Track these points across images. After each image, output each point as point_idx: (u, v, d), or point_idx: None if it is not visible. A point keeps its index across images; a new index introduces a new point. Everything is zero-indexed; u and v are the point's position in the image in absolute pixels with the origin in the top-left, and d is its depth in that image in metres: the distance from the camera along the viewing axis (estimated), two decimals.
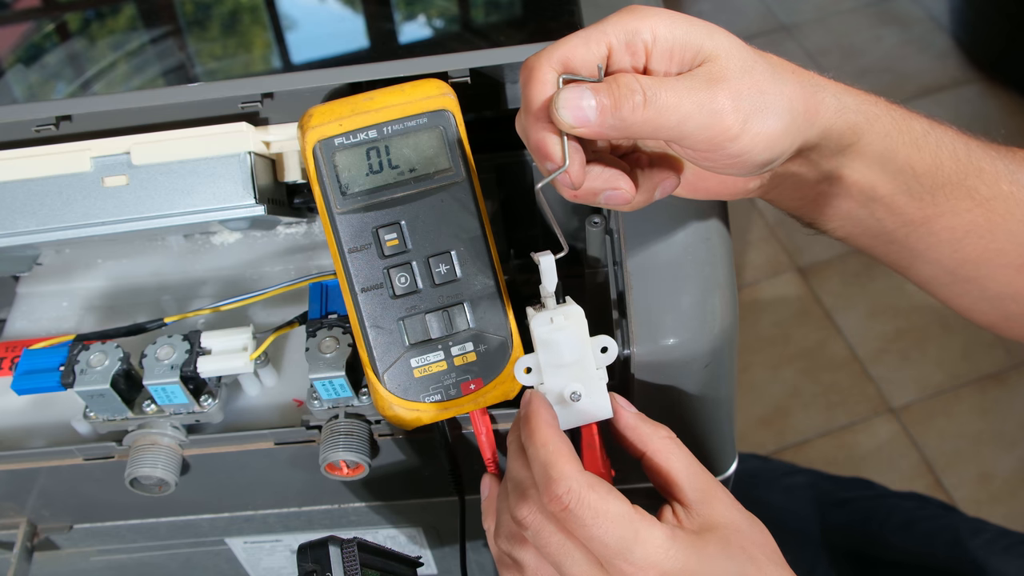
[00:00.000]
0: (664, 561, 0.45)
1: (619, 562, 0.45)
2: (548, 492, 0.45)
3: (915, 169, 0.51)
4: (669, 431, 0.51)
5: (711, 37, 0.45)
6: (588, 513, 0.44)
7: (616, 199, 0.47)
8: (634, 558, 0.45)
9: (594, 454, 0.51)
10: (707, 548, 0.46)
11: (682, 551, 0.45)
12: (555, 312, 0.49)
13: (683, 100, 0.43)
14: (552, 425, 0.48)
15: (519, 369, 0.50)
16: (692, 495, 0.48)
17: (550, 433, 0.47)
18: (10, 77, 1.03)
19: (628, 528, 0.45)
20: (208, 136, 0.57)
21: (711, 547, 0.46)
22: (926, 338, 1.68)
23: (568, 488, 0.45)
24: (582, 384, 0.50)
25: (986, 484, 1.51)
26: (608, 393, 0.51)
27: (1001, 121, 1.96)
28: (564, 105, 0.43)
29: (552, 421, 0.48)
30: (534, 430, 0.48)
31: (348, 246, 0.52)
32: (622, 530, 0.44)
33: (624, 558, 0.45)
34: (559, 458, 0.46)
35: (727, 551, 0.46)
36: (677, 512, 0.48)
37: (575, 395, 0.50)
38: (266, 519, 0.69)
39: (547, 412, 0.49)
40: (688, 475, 0.49)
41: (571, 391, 0.50)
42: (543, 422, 0.48)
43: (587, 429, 0.52)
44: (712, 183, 0.53)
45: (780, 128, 0.45)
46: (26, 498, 0.65)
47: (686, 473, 0.49)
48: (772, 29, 2.22)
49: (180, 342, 0.57)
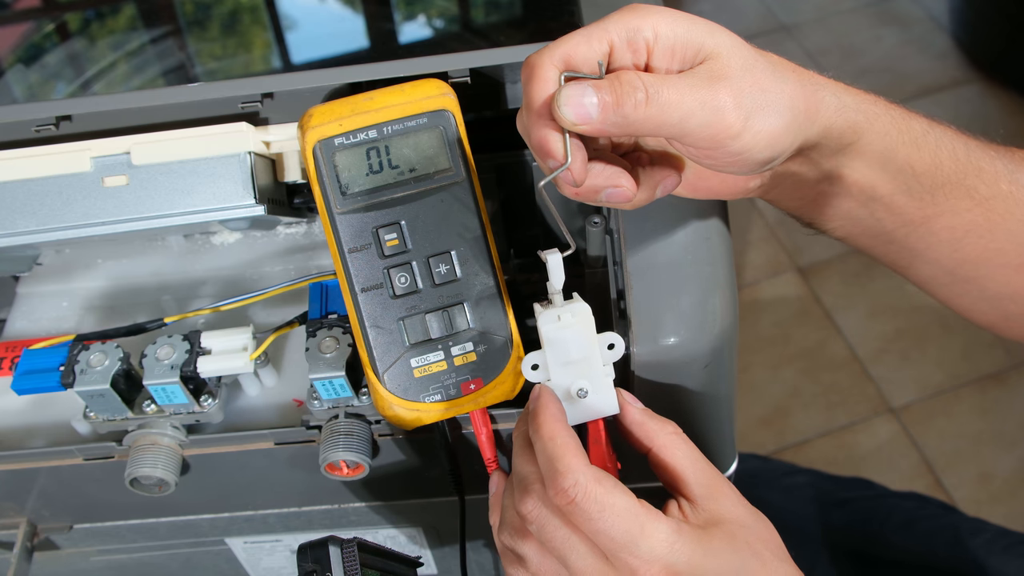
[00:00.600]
0: (669, 555, 0.45)
1: (624, 556, 0.45)
2: (554, 485, 0.45)
3: (915, 168, 0.51)
4: (675, 427, 0.51)
5: (712, 35, 0.45)
6: (594, 507, 0.45)
7: (617, 197, 0.47)
8: (639, 552, 0.45)
9: (600, 449, 0.52)
10: (712, 543, 0.46)
11: (687, 545, 0.45)
12: (562, 310, 0.49)
13: (685, 97, 0.43)
14: (560, 420, 0.48)
15: (526, 365, 0.50)
16: (698, 490, 0.49)
17: (558, 427, 0.47)
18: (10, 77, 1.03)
19: (634, 522, 0.45)
20: (208, 136, 0.57)
21: (716, 542, 0.46)
22: (926, 338, 1.68)
23: (575, 481, 0.45)
24: (588, 381, 0.50)
25: (986, 484, 1.51)
26: (615, 389, 0.51)
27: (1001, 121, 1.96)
28: (566, 102, 0.43)
29: (560, 416, 0.49)
30: (541, 424, 0.48)
31: (348, 246, 0.52)
32: (628, 524, 0.45)
33: (630, 552, 0.45)
34: (566, 452, 0.46)
35: (732, 545, 0.47)
36: (683, 507, 0.48)
37: (582, 392, 0.50)
38: (266, 519, 0.69)
39: (555, 406, 0.49)
40: (694, 470, 0.49)
41: (578, 388, 0.50)
42: (551, 416, 0.48)
43: (593, 425, 0.52)
44: (713, 182, 0.53)
45: (781, 126, 0.45)
46: (26, 498, 0.65)
47: (692, 468, 0.49)
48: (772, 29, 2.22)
49: (180, 342, 0.57)
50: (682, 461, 0.49)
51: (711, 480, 0.49)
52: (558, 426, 0.48)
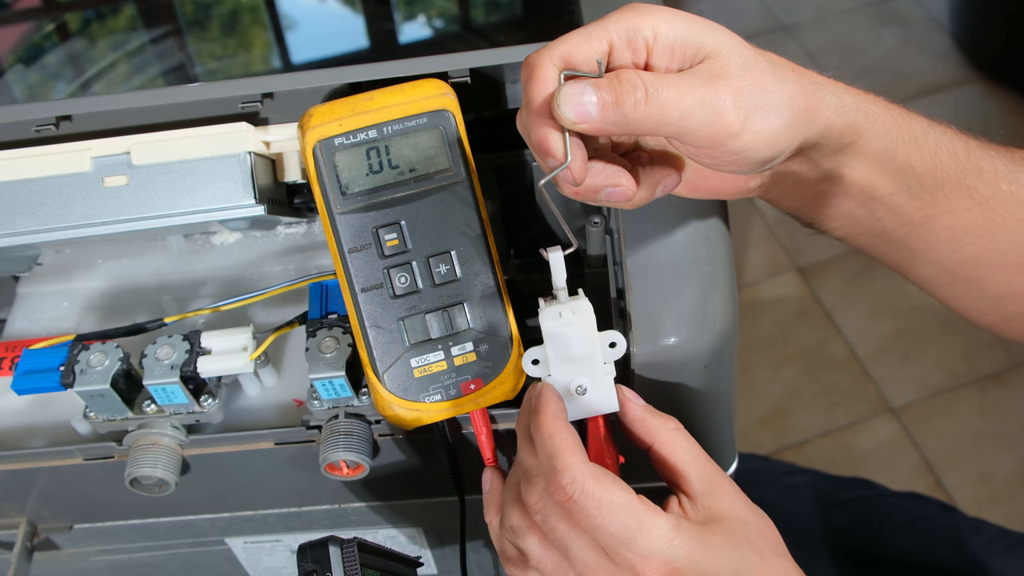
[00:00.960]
0: (668, 550, 0.45)
1: (623, 551, 0.45)
2: (553, 483, 0.46)
3: (915, 168, 0.51)
4: (677, 423, 0.51)
5: (712, 35, 0.45)
6: (592, 503, 0.45)
7: (618, 196, 0.47)
8: (638, 547, 0.45)
9: (599, 445, 0.52)
10: (712, 539, 0.46)
11: (686, 541, 0.45)
12: (564, 306, 0.49)
13: (684, 96, 0.44)
14: (560, 417, 0.48)
15: (527, 360, 0.50)
16: (698, 487, 0.49)
17: (557, 425, 0.48)
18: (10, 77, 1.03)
19: (632, 518, 0.45)
20: (208, 136, 0.57)
21: (716, 538, 0.46)
22: (926, 338, 1.68)
23: (572, 479, 0.45)
24: (589, 378, 0.50)
25: (986, 484, 1.51)
26: (616, 386, 0.51)
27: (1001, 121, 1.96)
28: (566, 101, 0.43)
29: (560, 413, 0.49)
30: (542, 421, 0.48)
31: (348, 246, 0.52)
32: (626, 519, 0.45)
33: (628, 547, 0.45)
34: (564, 449, 0.46)
35: (731, 542, 0.47)
36: (683, 503, 0.48)
37: (581, 388, 0.50)
38: (266, 519, 0.69)
39: (556, 403, 0.49)
40: (695, 467, 0.49)
41: (577, 384, 0.50)
42: (551, 414, 0.48)
43: (593, 421, 0.52)
44: (713, 182, 0.53)
45: (781, 125, 0.45)
46: (26, 498, 0.65)
47: (693, 465, 0.49)
48: (772, 29, 2.22)
49: (180, 342, 0.57)
50: (683, 457, 0.50)
51: (712, 477, 0.49)
52: (557, 423, 0.48)
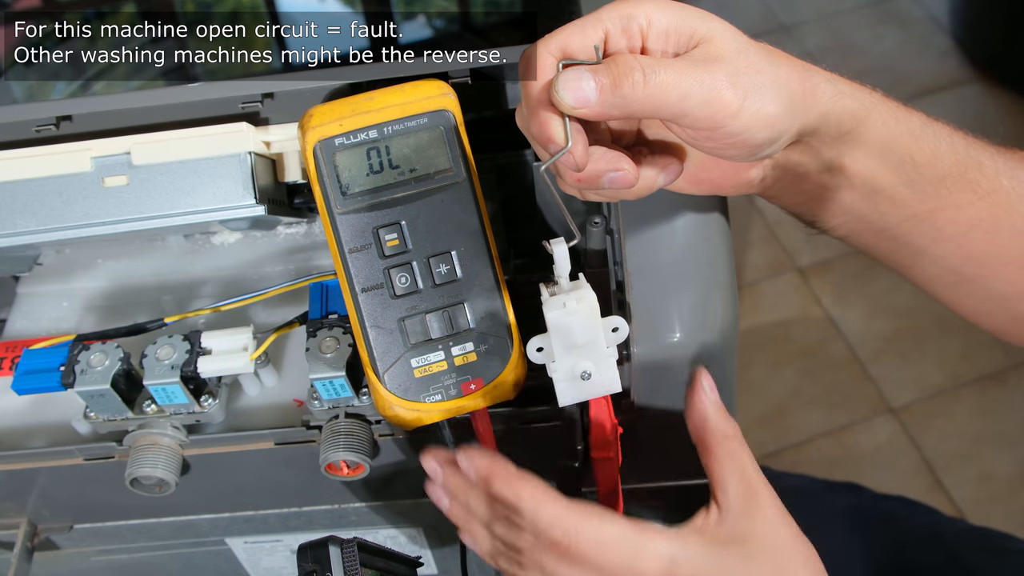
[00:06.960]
0: (671, 569, 0.45)
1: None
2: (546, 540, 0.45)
3: (915, 160, 0.51)
4: (736, 429, 0.50)
5: (704, 21, 0.46)
6: (591, 547, 0.45)
7: (620, 181, 0.47)
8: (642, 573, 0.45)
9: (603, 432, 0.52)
10: (726, 560, 0.46)
11: (691, 560, 0.45)
12: (567, 296, 0.49)
13: (682, 77, 0.44)
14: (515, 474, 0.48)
15: (531, 348, 0.51)
16: (733, 502, 0.48)
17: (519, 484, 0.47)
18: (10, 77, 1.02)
19: (629, 547, 0.45)
20: (208, 136, 0.57)
21: (731, 559, 0.46)
22: (925, 338, 1.68)
23: (564, 531, 0.45)
24: (592, 362, 0.50)
25: (986, 484, 1.51)
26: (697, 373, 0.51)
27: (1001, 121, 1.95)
28: (564, 87, 0.44)
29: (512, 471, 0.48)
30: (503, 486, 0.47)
31: (348, 246, 0.52)
32: (623, 550, 0.45)
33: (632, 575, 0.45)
34: (542, 503, 0.46)
35: (747, 565, 0.46)
36: (710, 516, 0.48)
37: (586, 374, 0.50)
38: (266, 519, 0.69)
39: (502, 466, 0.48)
40: (736, 481, 0.48)
41: (582, 370, 0.50)
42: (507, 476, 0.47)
43: (595, 403, 0.52)
44: (715, 174, 0.53)
45: (779, 106, 0.46)
46: (26, 498, 0.65)
47: (735, 479, 0.48)
48: (772, 29, 2.22)
49: (180, 342, 0.57)
50: (728, 468, 0.48)
51: (752, 495, 0.48)
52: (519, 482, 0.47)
